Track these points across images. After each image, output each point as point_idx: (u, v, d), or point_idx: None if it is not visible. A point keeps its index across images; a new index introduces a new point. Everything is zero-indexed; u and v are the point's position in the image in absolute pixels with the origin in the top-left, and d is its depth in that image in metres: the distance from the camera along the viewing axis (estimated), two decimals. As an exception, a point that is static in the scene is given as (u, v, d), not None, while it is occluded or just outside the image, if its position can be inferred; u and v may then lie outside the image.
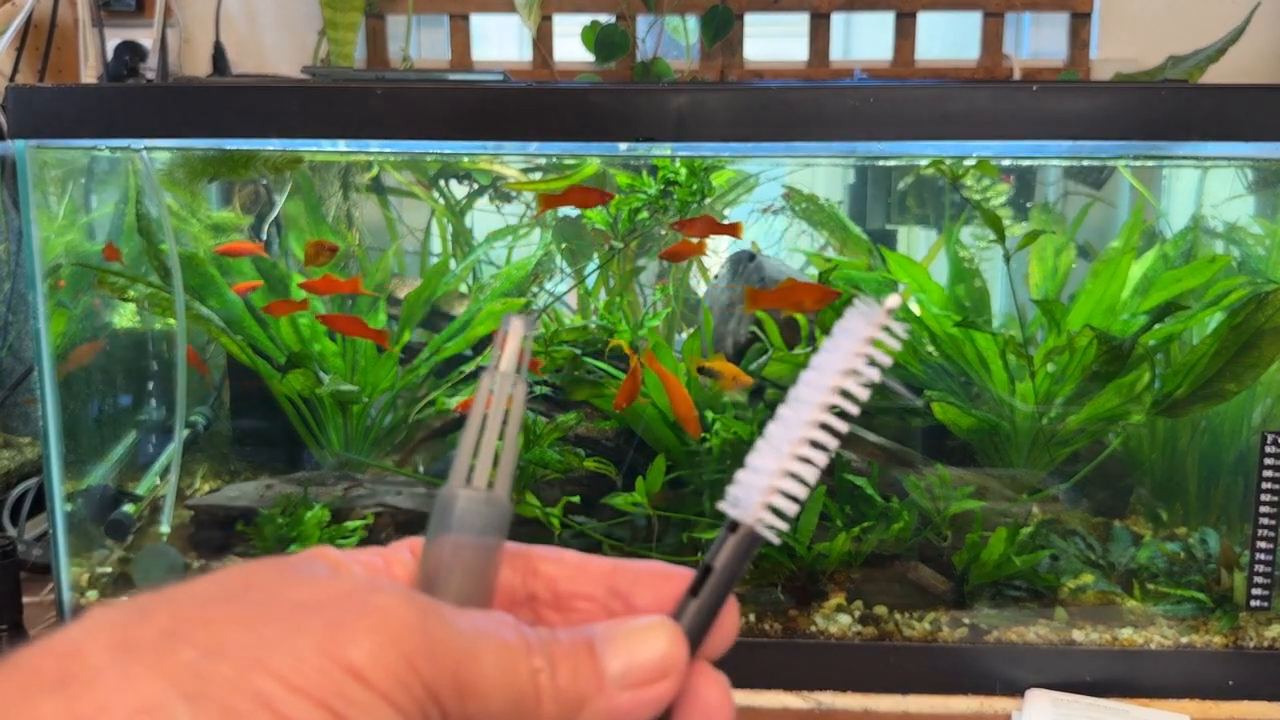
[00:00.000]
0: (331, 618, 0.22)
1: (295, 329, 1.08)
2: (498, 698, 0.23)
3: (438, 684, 0.22)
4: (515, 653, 0.23)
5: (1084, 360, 0.93)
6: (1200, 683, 0.87)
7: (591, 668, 0.24)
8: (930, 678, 0.87)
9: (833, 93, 0.79)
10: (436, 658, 0.22)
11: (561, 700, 0.24)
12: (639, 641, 0.25)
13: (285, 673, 0.21)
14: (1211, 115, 0.78)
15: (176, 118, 0.83)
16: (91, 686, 0.20)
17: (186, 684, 0.20)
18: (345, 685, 0.21)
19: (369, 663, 0.21)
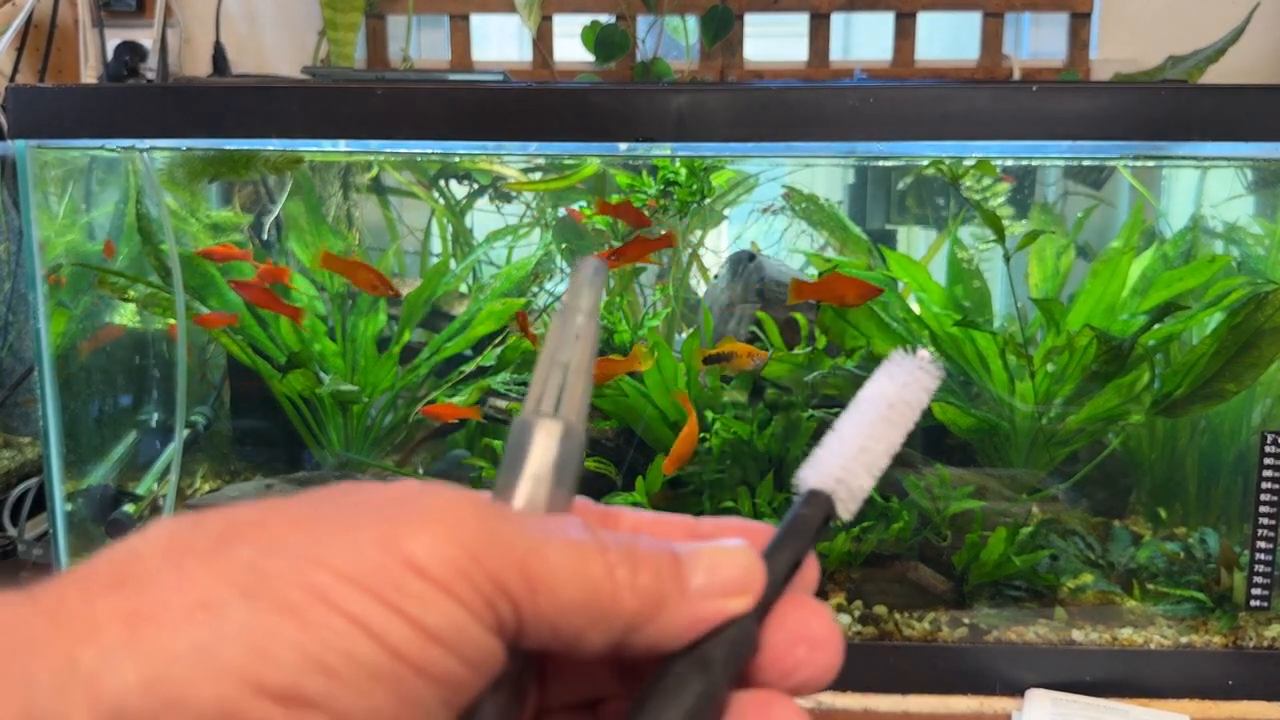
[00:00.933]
0: (388, 514, 0.22)
1: (295, 329, 1.08)
2: (570, 591, 0.22)
3: (504, 576, 0.21)
4: (587, 549, 0.23)
5: (1084, 360, 0.93)
6: (1200, 683, 0.87)
7: (675, 572, 0.24)
8: (930, 677, 0.87)
9: (832, 93, 0.79)
10: (500, 550, 0.22)
11: (642, 596, 0.23)
12: (722, 558, 0.25)
13: (341, 567, 0.20)
14: (1211, 115, 0.78)
15: (176, 118, 0.83)
16: (148, 586, 0.20)
17: (242, 580, 0.20)
18: (403, 578, 0.21)
19: (427, 555, 0.21)
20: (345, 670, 0.20)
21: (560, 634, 0.22)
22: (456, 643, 0.21)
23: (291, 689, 0.19)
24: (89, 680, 0.19)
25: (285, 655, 0.20)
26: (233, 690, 0.19)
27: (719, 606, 0.24)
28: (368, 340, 1.10)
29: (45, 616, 0.20)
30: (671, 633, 0.23)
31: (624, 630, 0.23)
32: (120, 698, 0.19)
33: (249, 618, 0.20)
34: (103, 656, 0.19)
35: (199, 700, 0.19)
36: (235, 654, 0.19)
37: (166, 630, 0.19)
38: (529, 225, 1.19)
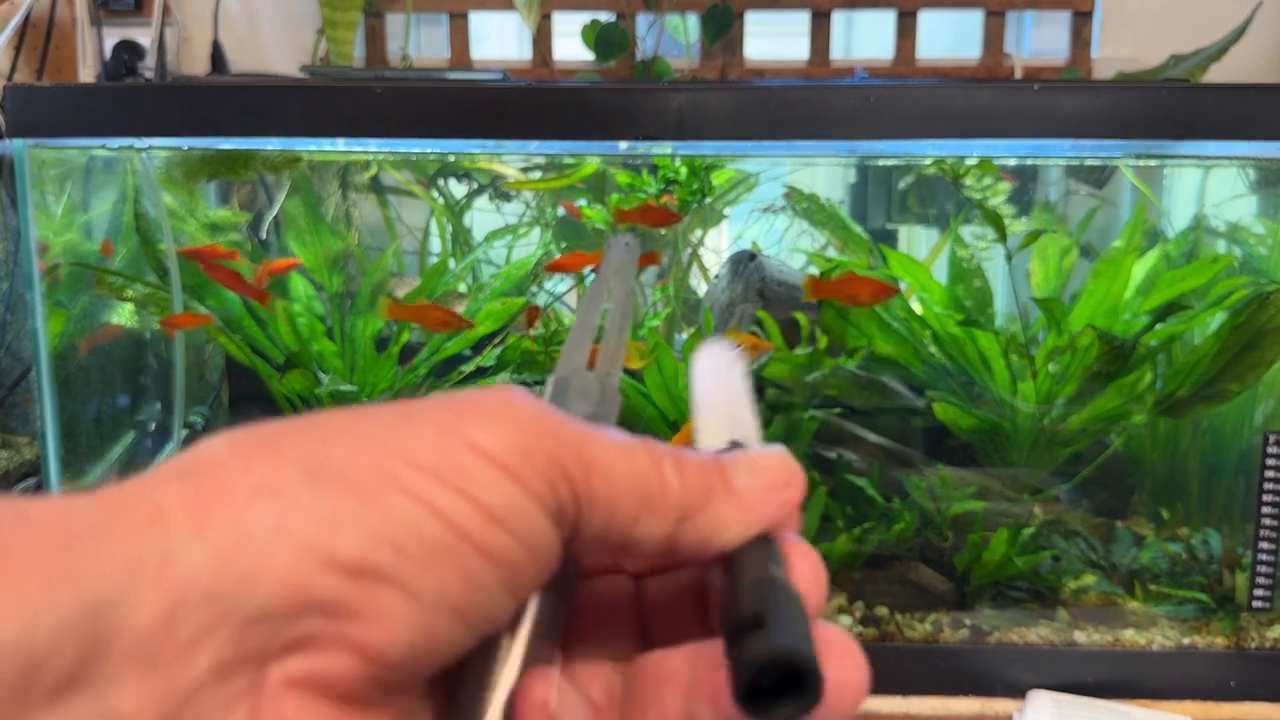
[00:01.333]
0: (444, 407, 0.22)
1: (294, 329, 1.08)
2: (622, 476, 0.22)
3: (561, 456, 0.22)
4: (631, 442, 0.23)
5: (1086, 360, 0.93)
6: (1202, 684, 0.86)
7: (718, 469, 0.24)
8: (931, 679, 0.87)
9: (834, 92, 0.78)
10: (556, 436, 0.22)
11: (690, 488, 0.23)
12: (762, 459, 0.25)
13: (403, 451, 0.21)
14: (1213, 114, 0.78)
15: (175, 117, 0.83)
16: (211, 474, 0.20)
17: (306, 464, 0.20)
18: (465, 460, 0.21)
19: (488, 439, 0.21)
20: (412, 546, 0.20)
21: (615, 519, 0.22)
22: (517, 525, 0.21)
23: (361, 562, 0.20)
24: (157, 560, 0.19)
25: (354, 531, 0.20)
26: (304, 563, 0.19)
27: (762, 497, 0.24)
28: (366, 340, 1.10)
29: (108, 506, 0.19)
30: (723, 520, 0.23)
31: (676, 517, 0.23)
32: (190, 576, 0.19)
33: (316, 497, 0.20)
34: (170, 539, 0.19)
35: (270, 574, 0.19)
36: (305, 529, 0.19)
37: (233, 512, 0.19)
38: (529, 224, 1.19)
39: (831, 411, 0.98)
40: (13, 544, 0.18)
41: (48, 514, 0.19)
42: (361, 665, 0.20)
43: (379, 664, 0.20)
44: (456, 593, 0.20)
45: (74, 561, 0.18)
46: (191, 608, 0.19)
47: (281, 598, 0.19)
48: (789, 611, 0.21)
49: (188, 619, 0.19)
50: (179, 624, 0.18)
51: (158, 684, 0.18)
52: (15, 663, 0.16)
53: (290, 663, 0.20)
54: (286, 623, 0.19)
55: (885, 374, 0.97)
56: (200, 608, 0.19)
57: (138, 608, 0.18)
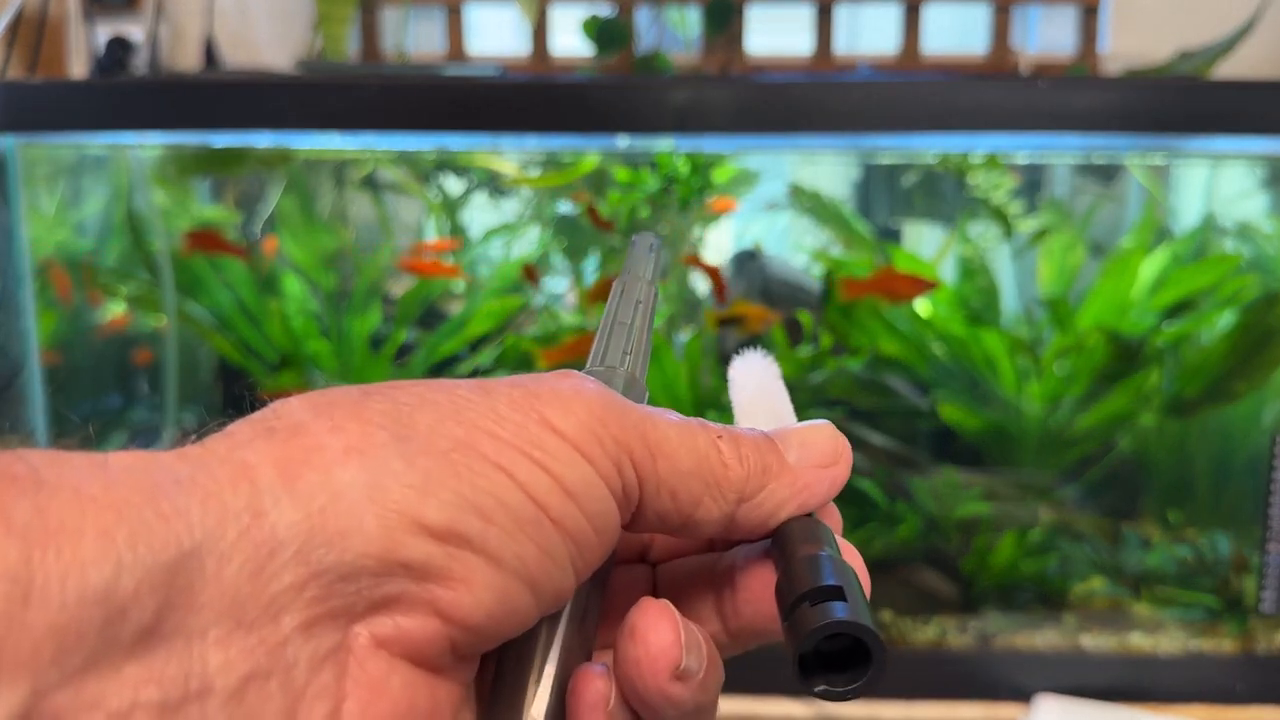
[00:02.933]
0: (518, 385, 0.22)
1: (287, 328, 1.06)
2: (684, 457, 0.23)
3: (627, 439, 0.22)
4: (690, 424, 0.24)
5: (1094, 360, 0.92)
6: (1210, 688, 0.86)
7: (773, 448, 0.25)
8: (937, 684, 0.86)
9: (837, 87, 0.77)
10: (622, 418, 0.22)
11: (749, 467, 0.24)
12: (811, 432, 0.26)
13: (484, 423, 0.21)
14: (1221, 110, 0.77)
15: (168, 113, 0.82)
16: (299, 433, 0.20)
17: (393, 428, 0.20)
18: (543, 436, 0.21)
19: (561, 416, 0.22)
20: (497, 514, 0.20)
21: (678, 502, 0.23)
22: (588, 502, 0.22)
23: (450, 526, 0.20)
24: (247, 515, 0.18)
25: (444, 494, 0.20)
26: (396, 524, 0.19)
27: (820, 474, 0.25)
28: (361, 339, 1.09)
29: (189, 462, 0.19)
30: (780, 499, 0.24)
31: (736, 499, 0.24)
32: (280, 531, 0.18)
33: (407, 461, 0.20)
34: (258, 494, 0.19)
35: (363, 534, 0.19)
36: (396, 491, 0.19)
37: (324, 470, 0.19)
38: (526, 223, 1.18)
39: (835, 412, 0.97)
40: (94, 493, 0.17)
41: (128, 465, 0.18)
42: (444, 628, 0.20)
43: (460, 628, 0.20)
44: (534, 564, 0.21)
45: (160, 510, 0.17)
46: (281, 564, 0.18)
47: (371, 557, 0.19)
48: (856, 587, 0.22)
49: (277, 575, 0.18)
50: (267, 579, 0.18)
51: (245, 639, 0.18)
52: (101, 609, 0.16)
53: (376, 622, 0.20)
54: (375, 582, 0.19)
55: (890, 374, 0.96)
56: (289, 564, 0.18)
57: (225, 561, 0.18)
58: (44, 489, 0.17)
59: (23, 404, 0.94)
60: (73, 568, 0.16)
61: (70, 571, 0.16)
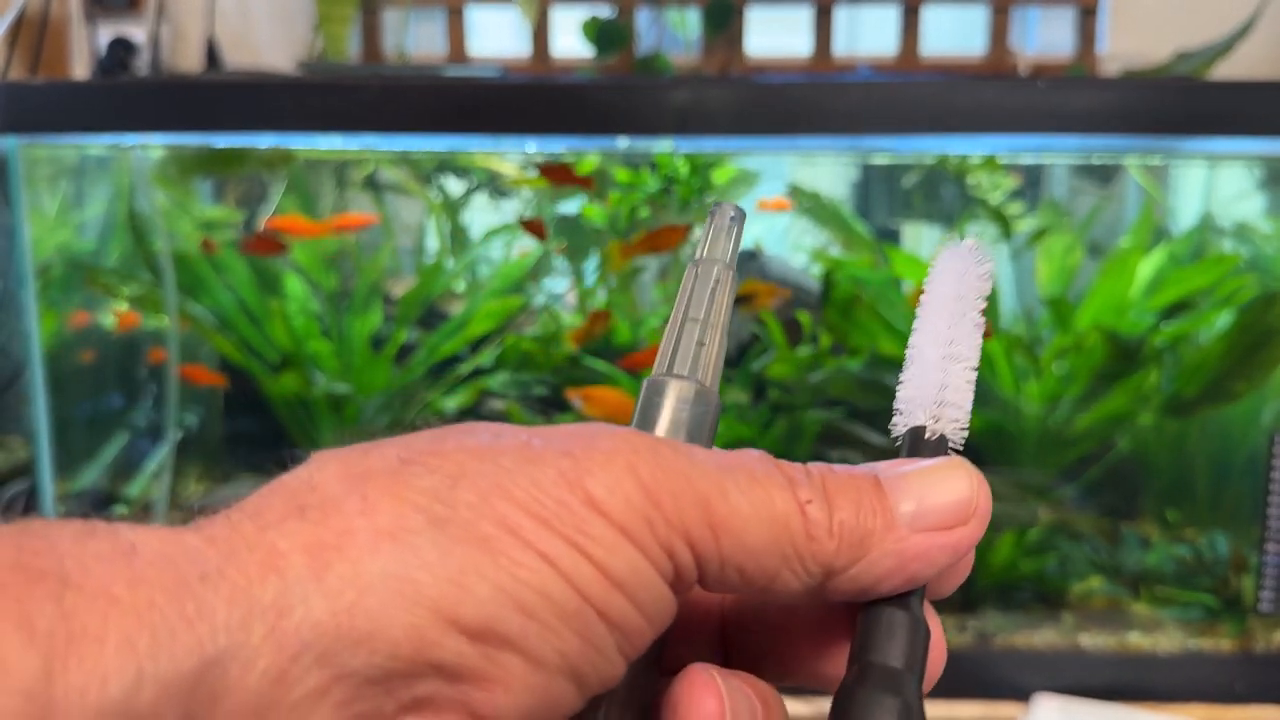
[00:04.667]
0: (565, 448, 0.20)
1: (289, 328, 1.07)
2: (756, 533, 0.20)
3: (684, 520, 0.20)
4: (770, 483, 0.20)
5: (1092, 360, 0.92)
6: (1208, 687, 0.86)
7: (879, 502, 0.21)
8: (936, 682, 0.86)
9: (836, 88, 0.77)
10: (680, 490, 0.20)
11: (842, 536, 0.20)
12: (936, 480, 0.21)
13: (527, 501, 0.19)
14: (1219, 111, 0.77)
15: (169, 113, 0.82)
16: (331, 513, 0.19)
17: (431, 509, 0.19)
18: (586, 519, 0.19)
19: (607, 495, 0.19)
20: (540, 609, 0.19)
21: (750, 578, 0.20)
22: (636, 590, 0.20)
23: (487, 624, 0.18)
24: (273, 614, 0.17)
25: (481, 589, 0.18)
26: (428, 624, 0.18)
27: (933, 541, 0.21)
28: (362, 340, 1.09)
29: (217, 548, 0.18)
30: (880, 573, 0.21)
31: (824, 573, 0.21)
32: (306, 632, 0.17)
33: (442, 549, 0.18)
34: (286, 588, 0.18)
35: (393, 634, 0.18)
36: (429, 586, 0.18)
37: (355, 560, 0.18)
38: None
39: (834, 412, 0.97)
40: (119, 593, 0.16)
41: (156, 554, 0.17)
42: None
43: None
44: (577, 657, 0.19)
45: (184, 613, 0.17)
46: (306, 667, 0.18)
47: (401, 660, 0.18)
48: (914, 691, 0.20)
49: (302, 679, 0.18)
50: (292, 684, 0.17)
51: None
52: None
53: None
54: (404, 684, 0.18)
55: (889, 374, 0.96)
56: (315, 668, 0.18)
57: (249, 665, 0.17)
58: (69, 589, 0.16)
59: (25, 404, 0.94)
60: (93, 679, 0.16)
61: (91, 684, 0.16)
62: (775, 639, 0.24)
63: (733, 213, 0.25)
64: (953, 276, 0.25)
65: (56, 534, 0.17)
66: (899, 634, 0.21)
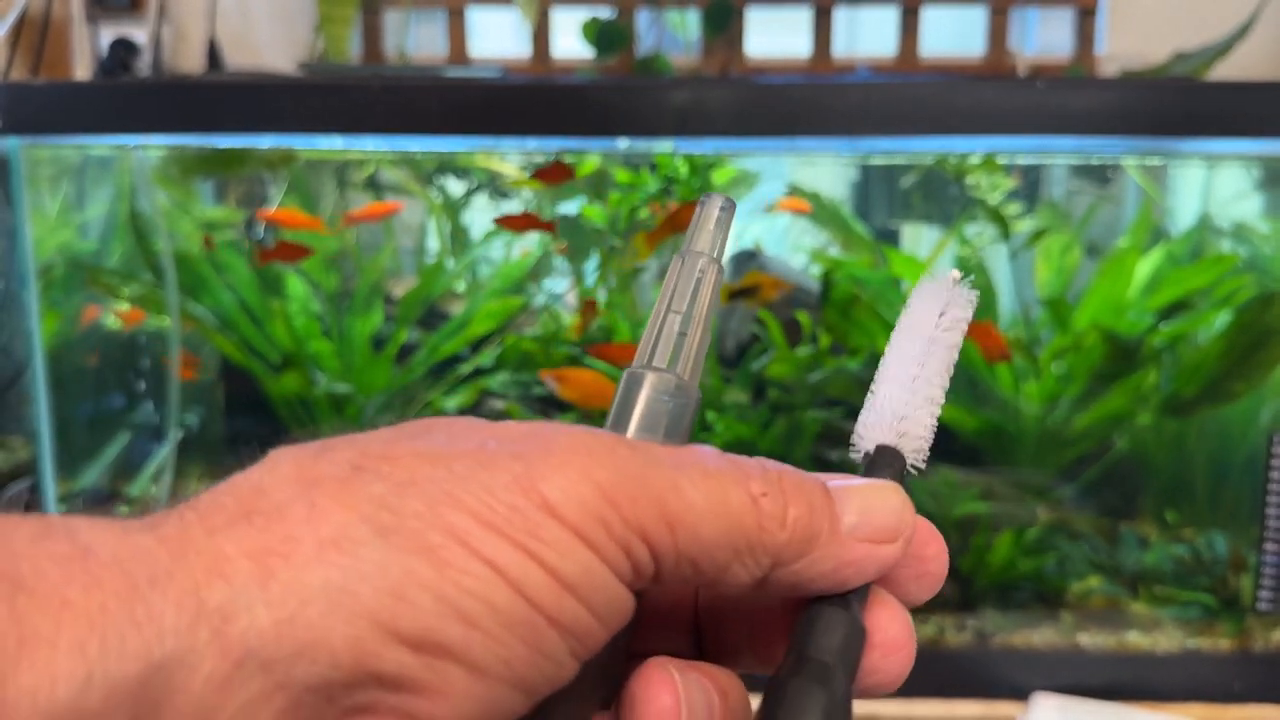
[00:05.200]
0: (519, 451, 0.20)
1: (290, 328, 1.07)
2: (710, 527, 0.21)
3: (641, 518, 0.20)
4: (724, 478, 0.21)
5: (1091, 360, 0.92)
6: (1207, 686, 0.86)
7: (828, 506, 0.22)
8: (935, 682, 0.86)
9: (836, 88, 0.78)
10: (636, 489, 0.20)
11: (793, 530, 0.21)
12: (875, 497, 0.23)
13: (477, 508, 0.19)
14: (1218, 111, 0.77)
15: (171, 114, 0.82)
16: (277, 520, 0.19)
17: (377, 517, 0.19)
18: (539, 523, 0.19)
19: (563, 498, 0.20)
20: (483, 618, 0.19)
21: (702, 570, 0.21)
22: (590, 593, 0.20)
23: (428, 635, 0.19)
24: (218, 619, 0.18)
25: (423, 600, 0.19)
26: (367, 635, 0.18)
27: (871, 552, 0.22)
28: (363, 340, 1.09)
29: (168, 549, 0.18)
30: (819, 571, 0.22)
31: (771, 564, 0.21)
32: (250, 638, 0.18)
33: (385, 557, 0.19)
34: (232, 594, 0.18)
35: (333, 644, 0.18)
36: (370, 596, 0.18)
37: (298, 569, 0.18)
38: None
39: (834, 412, 0.97)
40: (72, 596, 0.17)
41: (109, 556, 0.18)
42: None
43: None
44: (522, 665, 0.20)
45: (134, 615, 0.17)
46: (249, 674, 0.18)
47: (341, 669, 0.18)
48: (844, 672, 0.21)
49: (244, 685, 0.18)
50: (234, 689, 0.18)
51: None
52: None
53: None
54: (345, 692, 0.19)
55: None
56: (258, 675, 0.18)
57: (194, 669, 0.17)
58: (22, 592, 0.17)
59: (26, 403, 0.94)
60: (43, 681, 0.16)
61: (41, 686, 0.16)
62: (748, 629, 0.24)
63: (722, 204, 0.25)
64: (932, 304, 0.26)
65: (13, 535, 0.18)
66: (835, 631, 0.22)
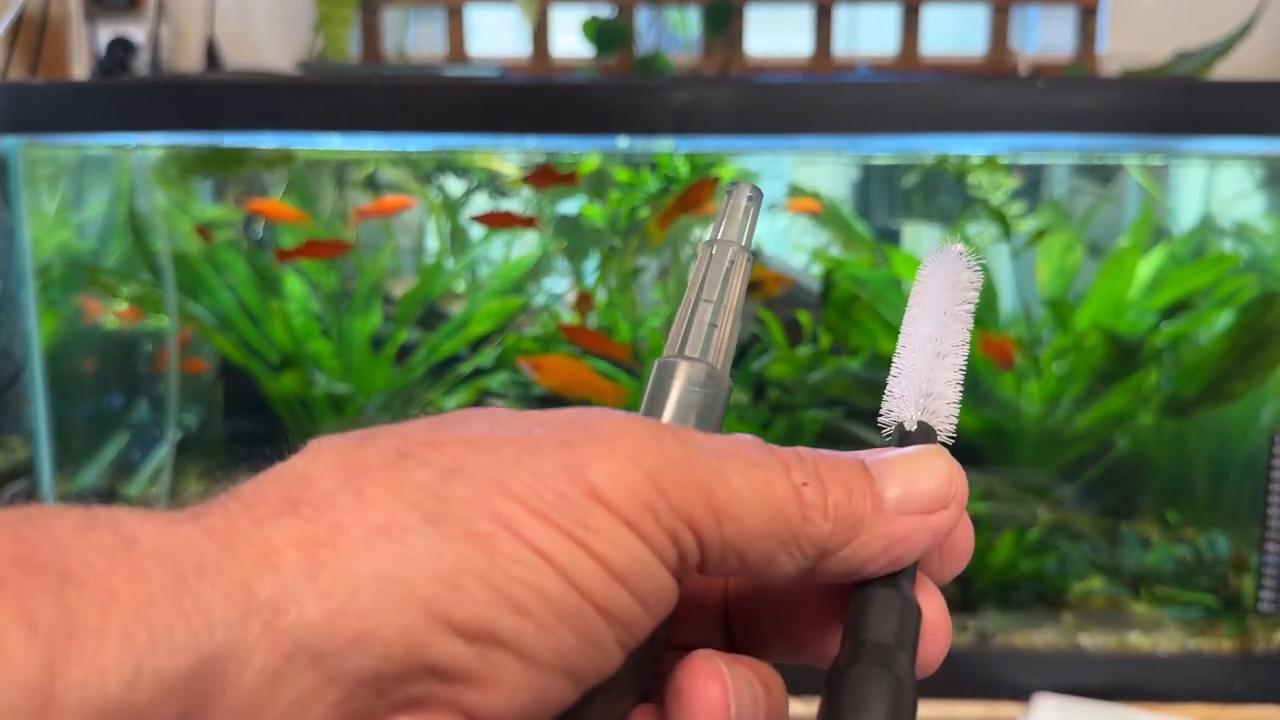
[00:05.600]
0: (566, 437, 0.20)
1: (289, 328, 1.07)
2: (755, 517, 0.20)
3: (688, 506, 0.20)
4: (768, 468, 0.21)
5: (1092, 360, 0.92)
6: (1208, 687, 0.86)
7: (867, 486, 0.21)
8: (936, 683, 0.85)
9: (836, 87, 0.77)
10: (683, 477, 0.20)
11: (835, 518, 0.21)
12: (919, 466, 0.22)
13: (525, 495, 0.19)
14: (1219, 111, 0.77)
15: (169, 114, 0.82)
16: (324, 509, 0.19)
17: (425, 504, 0.19)
18: (588, 510, 0.19)
19: (611, 486, 0.19)
20: (535, 607, 0.19)
21: (748, 561, 0.21)
22: (638, 582, 0.20)
23: (481, 624, 0.18)
24: (268, 611, 0.17)
25: (475, 589, 0.18)
26: (421, 624, 0.18)
27: (918, 524, 0.22)
28: (362, 340, 1.09)
29: (214, 541, 0.18)
30: (870, 554, 0.21)
31: (818, 554, 0.21)
32: (300, 631, 0.17)
33: (436, 546, 0.18)
34: (282, 586, 0.18)
35: (385, 635, 0.18)
36: (423, 585, 0.18)
37: (348, 558, 0.18)
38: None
39: (835, 412, 0.97)
40: (118, 587, 0.17)
41: (154, 547, 0.17)
42: None
43: None
44: (573, 654, 0.19)
45: (182, 608, 0.17)
46: (300, 667, 0.18)
47: (394, 660, 0.18)
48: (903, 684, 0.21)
49: (295, 679, 0.18)
50: (285, 683, 0.17)
51: None
52: None
53: None
54: (397, 684, 0.18)
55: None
56: (309, 669, 0.18)
57: (245, 663, 0.17)
58: (69, 584, 0.16)
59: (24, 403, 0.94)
60: (92, 675, 0.16)
61: (90, 679, 0.16)
62: (778, 619, 0.24)
63: (750, 193, 0.25)
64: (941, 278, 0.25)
65: (56, 525, 0.17)
66: (890, 613, 0.21)
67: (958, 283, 0.25)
